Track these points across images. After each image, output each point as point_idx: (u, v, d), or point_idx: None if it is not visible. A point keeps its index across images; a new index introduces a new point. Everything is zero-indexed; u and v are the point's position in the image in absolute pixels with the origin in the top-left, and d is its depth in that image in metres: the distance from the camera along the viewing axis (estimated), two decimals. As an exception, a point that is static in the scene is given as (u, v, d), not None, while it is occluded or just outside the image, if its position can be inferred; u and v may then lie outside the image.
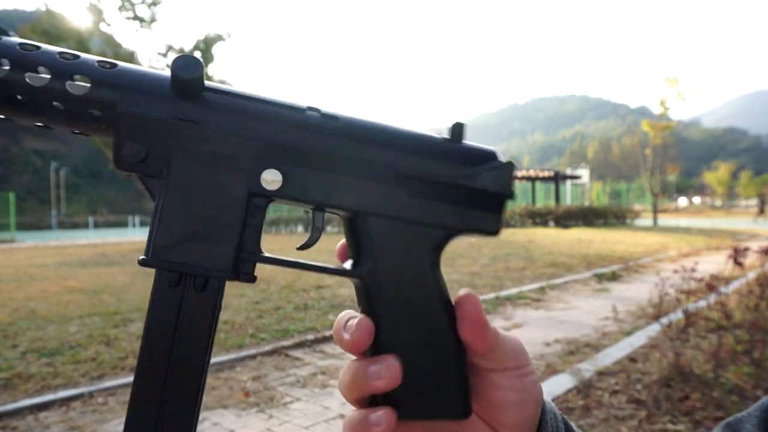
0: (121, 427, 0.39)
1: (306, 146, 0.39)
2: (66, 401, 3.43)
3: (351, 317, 0.39)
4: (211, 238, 0.37)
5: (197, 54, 14.17)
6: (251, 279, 0.39)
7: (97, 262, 11.13)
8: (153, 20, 14.01)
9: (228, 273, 0.37)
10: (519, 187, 39.75)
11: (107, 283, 7.87)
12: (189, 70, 0.36)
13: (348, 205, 0.40)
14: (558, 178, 33.13)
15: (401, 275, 0.39)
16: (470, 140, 0.43)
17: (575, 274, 9.08)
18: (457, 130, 0.42)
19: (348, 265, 0.42)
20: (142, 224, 34.46)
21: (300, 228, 26.42)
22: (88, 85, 0.37)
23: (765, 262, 7.28)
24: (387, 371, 0.38)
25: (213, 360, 4.23)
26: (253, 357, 4.34)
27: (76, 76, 0.37)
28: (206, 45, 14.31)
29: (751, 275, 6.78)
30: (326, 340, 4.96)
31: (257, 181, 0.38)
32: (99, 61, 0.38)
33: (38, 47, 0.37)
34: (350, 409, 0.45)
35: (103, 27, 13.47)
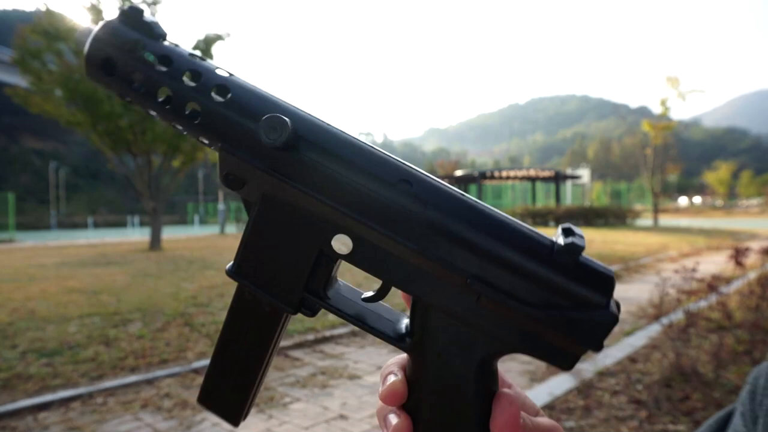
0: (121, 428, 0.39)
1: (382, 226, 0.38)
2: (65, 401, 3.43)
3: (392, 372, 0.41)
4: (284, 274, 0.41)
5: (197, 54, 14.17)
6: (312, 315, 0.42)
7: (96, 262, 11.13)
8: (153, 20, 14.01)
9: (291, 310, 0.41)
10: (519, 187, 39.78)
11: (107, 283, 7.87)
12: (275, 138, 0.38)
13: (412, 292, 0.39)
14: (558, 178, 33.11)
15: (444, 367, 0.38)
16: (470, 140, 0.40)
17: (575, 274, 9.05)
18: (573, 250, 0.35)
19: (401, 331, 0.41)
20: (142, 224, 34.45)
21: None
22: (199, 115, 0.41)
23: (765, 262, 7.27)
24: (395, 428, 0.39)
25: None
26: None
27: (191, 102, 0.41)
28: (206, 45, 14.28)
29: (752, 275, 6.77)
30: (326, 340, 4.95)
31: (328, 243, 0.40)
32: (215, 86, 0.41)
33: (171, 62, 0.42)
34: (352, 411, 0.45)
35: (103, 27, 13.47)
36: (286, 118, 0.38)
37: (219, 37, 14.48)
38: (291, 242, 0.40)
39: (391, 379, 0.40)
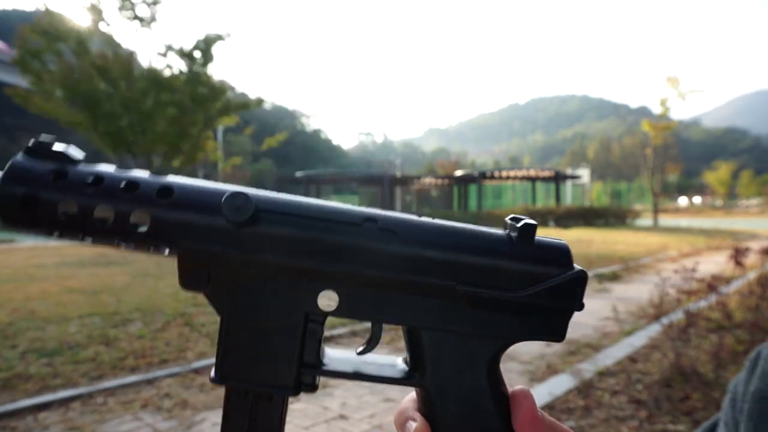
0: (121, 428, 0.39)
1: (361, 268, 0.38)
2: (65, 401, 3.43)
3: (409, 418, 0.40)
4: (274, 357, 0.39)
5: (197, 54, 14.16)
6: (313, 390, 0.41)
7: (96, 262, 11.13)
8: (153, 20, 13.99)
9: (290, 390, 0.40)
10: (519, 187, 39.77)
11: (107, 283, 7.87)
12: (239, 216, 0.37)
13: (405, 322, 0.40)
14: (558, 178, 33.11)
15: (457, 386, 0.40)
16: (470, 140, 0.40)
17: (575, 274, 9.06)
18: (528, 231, 0.39)
19: (404, 369, 0.42)
20: (142, 224, 34.45)
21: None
22: (148, 221, 0.38)
23: (765, 262, 7.27)
24: None
25: (213, 360, 4.22)
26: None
27: (137, 212, 0.38)
28: (206, 45, 14.27)
29: (752, 275, 6.77)
30: (326, 340, 4.95)
31: (314, 303, 0.39)
32: (157, 188, 0.39)
33: (102, 179, 0.39)
34: (352, 411, 0.45)
35: (103, 27, 13.44)
36: (248, 193, 0.38)
37: (219, 37, 14.47)
38: (276, 318, 0.39)
39: (412, 425, 0.39)
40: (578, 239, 15.56)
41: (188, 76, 14.14)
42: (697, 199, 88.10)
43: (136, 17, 13.80)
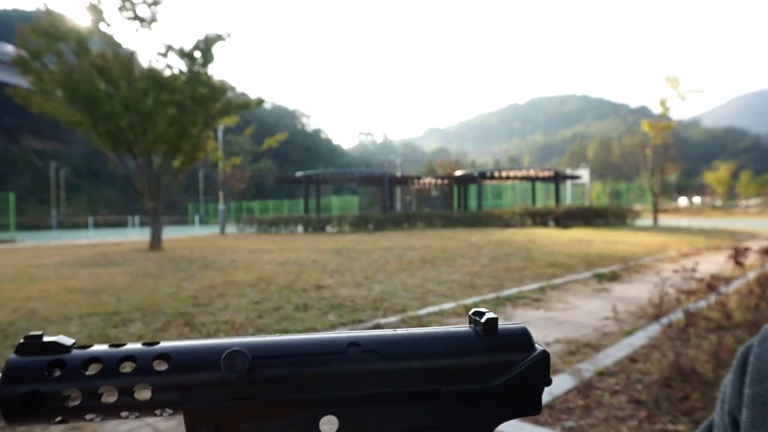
0: (121, 427, 0.40)
1: (354, 391, 0.42)
2: (66, 401, 3.43)
3: None
4: None
5: (197, 54, 14.16)
6: None
7: (97, 262, 11.13)
8: (153, 20, 14.00)
9: None
10: (519, 187, 39.78)
11: (107, 283, 7.87)
12: (237, 371, 0.40)
13: (402, 428, 0.43)
14: (558, 178, 33.11)
15: None
16: (470, 140, 0.42)
17: (575, 274, 9.08)
18: (492, 324, 0.44)
19: None
20: (142, 224, 34.47)
21: (300, 228, 26.41)
22: (150, 392, 0.41)
23: (765, 262, 7.28)
24: None
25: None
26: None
27: (138, 385, 0.40)
28: (206, 45, 14.28)
29: (752, 275, 6.78)
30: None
31: (316, 430, 0.42)
32: (154, 358, 0.41)
33: (100, 360, 0.41)
34: None
35: (103, 27, 13.44)
36: (243, 350, 0.41)
37: (219, 38, 14.47)
38: None
39: None
40: (578, 239, 15.57)
41: (188, 76, 14.14)
42: (696, 199, 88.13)
43: (136, 17, 13.81)
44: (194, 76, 14.12)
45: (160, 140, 13.77)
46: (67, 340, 0.42)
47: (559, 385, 3.70)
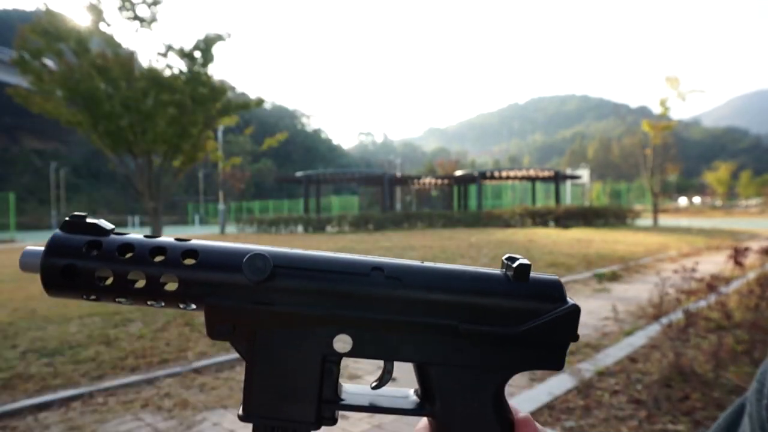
0: (121, 427, 0.42)
1: (371, 314, 0.42)
2: (66, 401, 3.43)
3: None
4: (295, 396, 0.43)
5: (197, 54, 14.15)
6: (332, 423, 0.45)
7: (97, 262, 11.13)
8: (153, 20, 13.99)
9: (311, 425, 0.43)
10: (519, 187, 39.77)
11: (107, 283, 7.87)
12: (258, 275, 0.41)
13: (414, 359, 0.44)
14: (558, 178, 33.10)
15: (465, 416, 0.43)
16: (470, 140, 0.42)
17: (575, 274, 9.07)
18: (524, 270, 0.43)
19: (416, 400, 0.46)
20: (142, 224, 34.47)
21: (300, 228, 26.40)
22: (176, 283, 0.43)
23: (765, 262, 7.28)
24: None
25: (213, 360, 4.23)
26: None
27: (166, 274, 0.43)
28: (206, 45, 14.27)
29: (752, 275, 6.78)
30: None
31: (330, 346, 0.43)
32: (183, 253, 0.43)
33: (133, 247, 0.43)
34: (350, 411, 0.49)
35: (103, 27, 13.43)
36: (265, 254, 0.42)
37: (219, 38, 14.46)
38: (296, 361, 0.43)
39: None
40: (578, 239, 15.57)
41: (188, 76, 14.13)
42: (696, 199, 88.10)
43: (136, 17, 13.80)
44: (194, 76, 14.11)
45: (160, 140, 13.76)
46: (107, 225, 0.45)
47: (559, 385, 3.70)
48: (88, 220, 0.44)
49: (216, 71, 17.79)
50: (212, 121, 15.28)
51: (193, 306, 0.44)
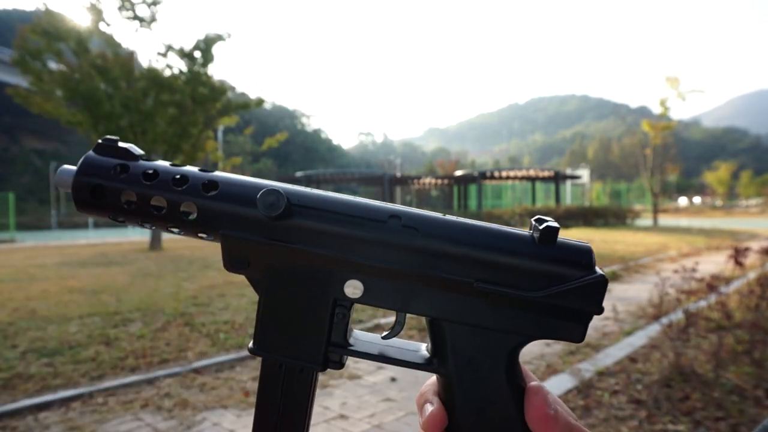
0: (121, 427, 0.42)
1: (385, 262, 0.41)
2: (66, 401, 3.43)
3: (427, 401, 0.43)
4: (304, 335, 0.43)
5: (197, 54, 14.14)
6: (339, 367, 0.45)
7: (97, 262, 11.13)
8: (153, 20, 13.99)
9: (318, 366, 0.43)
10: (519, 187, 39.75)
11: (107, 283, 7.87)
12: (273, 210, 0.41)
13: (426, 313, 0.42)
14: (558, 178, 33.10)
15: (475, 376, 0.42)
16: (470, 140, 0.41)
17: (575, 274, 9.06)
18: (551, 233, 0.41)
19: (425, 356, 0.45)
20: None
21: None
22: (195, 212, 0.44)
23: (765, 262, 7.28)
24: None
25: (213, 360, 4.23)
26: (253, 357, 4.34)
27: (186, 202, 0.44)
28: (206, 45, 14.26)
29: (752, 275, 6.78)
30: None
31: (341, 290, 0.43)
32: (203, 183, 0.44)
33: (157, 174, 0.44)
34: (352, 411, 0.47)
35: (103, 27, 13.43)
36: (280, 190, 0.42)
37: (219, 38, 14.46)
38: (306, 302, 0.43)
39: (429, 408, 0.42)
40: (578, 239, 15.56)
41: (188, 76, 14.13)
42: (696, 199, 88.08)
43: (136, 17, 13.80)
44: (194, 76, 14.11)
45: (160, 140, 13.76)
46: (137, 150, 0.47)
47: (559, 384, 3.70)
48: (120, 144, 0.46)
49: (216, 71, 17.79)
50: (212, 121, 15.28)
51: (210, 237, 0.45)
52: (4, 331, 4.93)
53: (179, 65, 14.29)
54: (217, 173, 0.45)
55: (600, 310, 0.41)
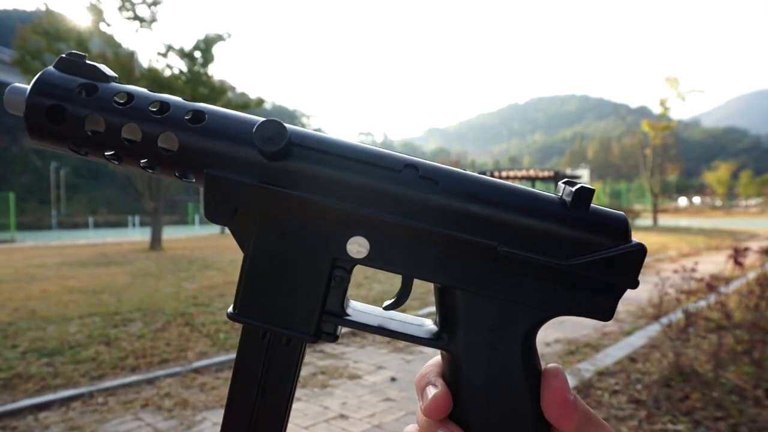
0: (121, 427, 0.40)
1: (396, 216, 0.36)
2: (66, 401, 3.43)
3: (430, 383, 0.38)
4: (296, 300, 0.37)
5: (197, 54, 14.15)
6: (333, 339, 0.39)
7: (97, 262, 11.13)
8: (153, 20, 14.00)
9: (309, 336, 0.37)
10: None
11: (107, 283, 7.87)
12: (272, 144, 0.35)
13: (439, 280, 0.37)
14: (558, 178, 33.08)
15: (488, 354, 0.37)
16: (470, 140, 0.39)
17: (575, 274, 9.07)
18: (585, 195, 0.36)
19: (432, 330, 0.39)
20: (142, 224, 34.46)
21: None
22: (176, 143, 0.37)
23: (765, 262, 7.28)
24: None
25: (213, 360, 4.23)
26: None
27: (166, 132, 0.37)
28: (206, 45, 14.28)
29: (751, 275, 6.78)
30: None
31: (343, 248, 0.37)
32: (189, 112, 0.37)
33: (133, 97, 0.37)
34: (352, 411, 0.45)
35: (103, 27, 13.44)
36: (281, 122, 0.36)
37: (219, 38, 14.47)
38: (300, 260, 0.37)
39: (432, 391, 0.36)
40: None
41: (188, 76, 14.14)
42: (696, 199, 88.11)
43: (136, 17, 13.81)
44: (194, 76, 14.13)
45: (160, 140, 13.79)
46: (110, 72, 0.39)
47: (558, 385, 3.69)
48: (88, 61, 0.38)
49: (216, 71, 17.78)
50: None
51: (192, 176, 0.38)
52: (4, 331, 4.94)
53: (179, 65, 14.31)
54: (205, 104, 0.38)
55: (635, 284, 0.36)
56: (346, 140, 0.38)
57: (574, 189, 0.36)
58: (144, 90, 0.38)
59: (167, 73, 14.16)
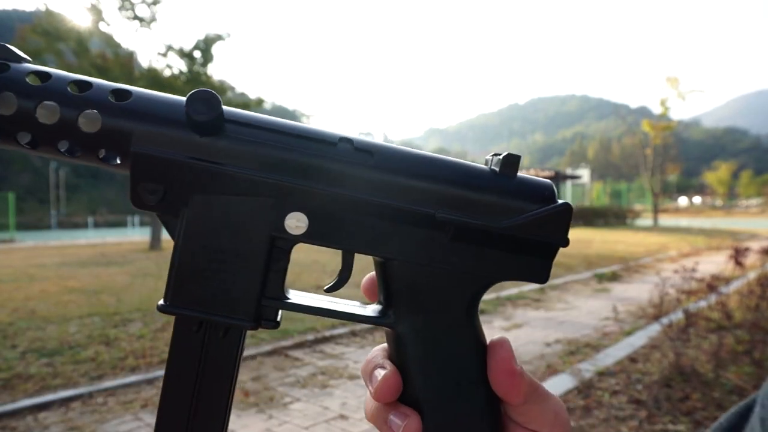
0: (121, 428, 0.39)
1: (334, 189, 0.36)
2: (65, 401, 3.43)
3: (378, 366, 0.37)
4: (232, 284, 0.35)
5: (197, 54, 14.16)
6: (274, 326, 0.37)
7: (96, 262, 11.13)
8: (153, 20, 14.00)
9: (248, 323, 0.36)
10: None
11: (107, 283, 7.87)
12: (204, 112, 0.34)
13: (377, 252, 0.37)
14: (558, 178, 33.11)
15: (434, 326, 0.37)
16: (470, 140, 0.40)
17: (575, 274, 9.07)
18: (511, 162, 0.37)
19: (377, 308, 0.39)
20: (142, 224, 34.48)
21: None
22: (99, 122, 0.35)
23: (765, 262, 7.28)
24: (406, 429, 0.35)
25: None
26: (252, 357, 4.34)
27: (87, 111, 0.35)
28: (206, 45, 14.28)
29: (752, 275, 6.78)
30: (326, 340, 4.95)
31: (281, 225, 0.36)
32: (112, 91, 0.35)
33: (49, 76, 0.35)
34: (352, 411, 0.44)
35: (103, 27, 13.45)
36: (215, 93, 0.34)
37: (219, 37, 14.47)
38: (236, 241, 0.35)
39: (381, 372, 0.36)
40: (578, 239, 15.57)
41: (188, 76, 14.15)
42: (697, 199, 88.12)
43: (136, 17, 13.81)
44: (194, 76, 14.13)
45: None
46: (20, 53, 0.36)
47: (559, 385, 3.70)
48: None
49: (216, 71, 17.79)
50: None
51: (115, 159, 0.36)
52: (4, 331, 4.93)
53: (179, 65, 14.32)
54: (131, 87, 0.36)
55: (566, 242, 0.37)
56: (280, 119, 0.37)
57: (501, 157, 0.38)
58: (62, 71, 0.36)
59: (167, 72, 14.17)
